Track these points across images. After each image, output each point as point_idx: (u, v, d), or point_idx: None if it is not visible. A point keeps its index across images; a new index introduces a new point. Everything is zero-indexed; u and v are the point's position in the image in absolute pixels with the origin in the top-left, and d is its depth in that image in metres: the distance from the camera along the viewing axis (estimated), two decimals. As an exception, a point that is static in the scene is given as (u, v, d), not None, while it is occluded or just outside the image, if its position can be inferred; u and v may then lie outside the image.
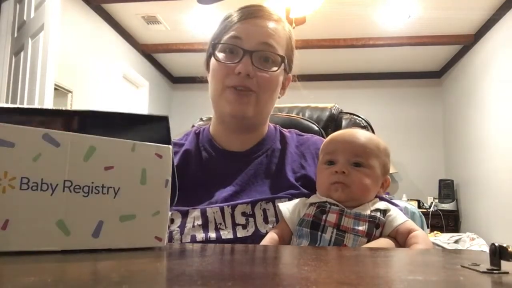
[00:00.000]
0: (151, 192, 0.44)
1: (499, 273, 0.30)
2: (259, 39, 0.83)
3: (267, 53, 0.84)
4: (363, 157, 0.76)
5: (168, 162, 0.45)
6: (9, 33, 2.76)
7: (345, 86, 5.45)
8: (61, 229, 0.38)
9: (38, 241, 0.37)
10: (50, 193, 0.38)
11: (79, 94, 3.50)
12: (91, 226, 0.40)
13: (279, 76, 0.87)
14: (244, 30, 0.84)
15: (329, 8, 3.52)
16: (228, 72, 0.83)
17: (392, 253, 0.50)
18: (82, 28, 3.61)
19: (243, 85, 0.82)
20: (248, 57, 0.82)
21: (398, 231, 0.71)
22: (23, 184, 0.37)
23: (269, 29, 0.85)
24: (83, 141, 0.40)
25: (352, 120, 1.21)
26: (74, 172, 0.39)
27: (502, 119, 3.69)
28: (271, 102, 0.88)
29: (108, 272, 0.31)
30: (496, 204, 3.80)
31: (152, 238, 0.43)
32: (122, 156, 0.42)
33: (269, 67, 0.85)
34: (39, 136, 0.38)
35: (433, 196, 4.86)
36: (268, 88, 0.85)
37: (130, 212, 0.42)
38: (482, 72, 4.12)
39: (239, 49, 0.83)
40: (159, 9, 3.88)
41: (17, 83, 2.51)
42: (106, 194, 0.41)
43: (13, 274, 0.29)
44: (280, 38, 0.87)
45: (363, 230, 0.70)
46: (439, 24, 4.02)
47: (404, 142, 5.20)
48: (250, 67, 0.81)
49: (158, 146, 0.45)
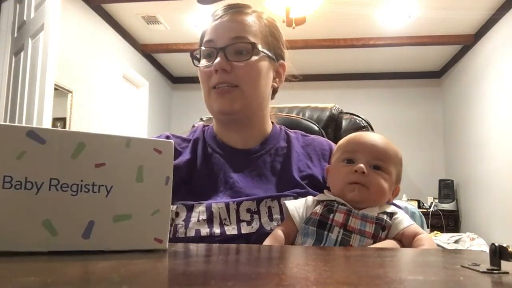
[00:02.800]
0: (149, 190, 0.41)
1: (499, 273, 0.30)
2: (228, 35, 0.85)
3: (238, 45, 0.85)
4: (384, 161, 0.76)
5: (169, 157, 0.42)
6: (9, 33, 2.76)
7: (345, 86, 5.44)
8: (48, 229, 0.37)
9: (24, 242, 0.36)
10: (35, 192, 0.37)
11: (79, 94, 3.50)
12: (80, 227, 0.38)
13: (258, 64, 0.86)
14: (214, 32, 0.87)
15: (329, 8, 3.52)
16: (209, 74, 0.85)
17: (392, 253, 0.50)
18: (82, 28, 3.61)
19: (222, 81, 0.84)
20: (222, 54, 0.83)
21: (404, 234, 0.71)
22: (6, 183, 0.36)
23: (237, 23, 0.87)
24: (71, 137, 0.38)
25: (352, 120, 1.21)
26: (62, 170, 0.37)
27: (502, 119, 3.69)
28: (258, 92, 0.88)
29: (108, 272, 0.31)
30: (496, 204, 3.80)
31: (151, 239, 0.40)
32: (115, 152, 0.40)
33: (244, 58, 0.85)
34: (23, 133, 0.37)
35: (433, 196, 4.85)
36: (249, 78, 0.85)
37: (124, 212, 0.39)
38: (482, 72, 4.12)
39: (213, 50, 0.85)
40: (159, 9, 3.88)
41: (17, 83, 2.50)
42: (97, 192, 0.38)
43: (9, 275, 0.29)
44: (251, 27, 0.87)
45: (370, 231, 0.70)
46: (439, 24, 4.02)
47: (404, 142, 5.19)
48: (224, 62, 0.83)
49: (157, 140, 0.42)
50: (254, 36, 0.87)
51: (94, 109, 3.76)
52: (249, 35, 0.86)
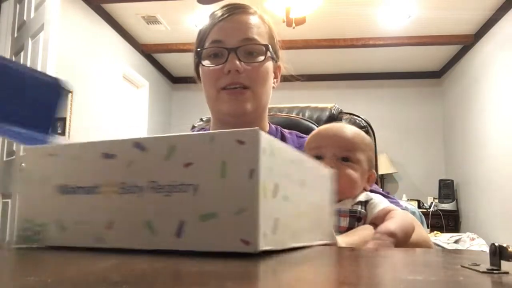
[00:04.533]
0: (232, 186, 0.38)
1: (499, 273, 0.30)
2: (239, 36, 0.85)
3: (250, 47, 0.85)
4: (351, 151, 0.74)
5: (253, 148, 0.37)
6: (9, 33, 2.76)
7: (345, 86, 5.44)
8: (148, 229, 0.40)
9: (131, 240, 0.40)
10: (139, 195, 0.40)
11: (79, 94, 3.50)
12: (174, 226, 0.39)
13: (266, 65, 0.88)
14: (222, 32, 0.86)
15: (329, 8, 3.52)
16: (218, 74, 0.84)
17: (392, 253, 0.50)
18: (82, 28, 3.61)
19: (235, 82, 0.83)
20: (234, 54, 0.83)
21: (377, 216, 0.69)
22: (121, 189, 0.41)
23: (247, 24, 0.87)
24: (164, 141, 0.41)
25: (352, 120, 1.21)
26: (157, 172, 0.40)
27: (502, 119, 3.69)
28: (266, 93, 0.89)
29: (108, 272, 0.31)
30: (496, 204, 3.80)
31: (237, 240, 0.36)
32: (201, 149, 0.39)
33: (256, 59, 0.86)
34: (131, 145, 0.41)
35: (433, 196, 4.85)
36: (260, 79, 0.86)
37: (210, 211, 0.38)
38: (482, 72, 4.13)
39: (223, 50, 0.84)
40: (159, 9, 3.88)
41: (17, 83, 2.50)
42: (186, 192, 0.39)
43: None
44: (259, 29, 0.88)
45: (344, 225, 0.69)
46: (439, 24, 4.02)
47: (404, 142, 5.20)
48: (238, 63, 0.83)
49: (239, 131, 0.39)
50: (262, 37, 0.87)
51: (94, 109, 3.76)
52: (258, 36, 0.86)
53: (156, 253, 0.41)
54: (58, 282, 0.26)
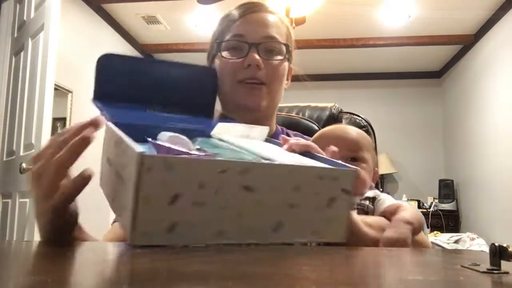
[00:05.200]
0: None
1: (499, 273, 0.30)
2: (261, 34, 0.86)
3: (271, 44, 0.86)
4: (358, 151, 0.76)
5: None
6: (9, 33, 2.76)
7: (345, 86, 5.44)
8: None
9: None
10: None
11: (79, 94, 3.50)
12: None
13: (285, 65, 0.89)
14: (245, 27, 0.87)
15: (329, 8, 3.52)
16: (237, 67, 0.85)
17: (392, 253, 0.50)
18: (82, 28, 3.61)
19: (254, 77, 0.84)
20: (255, 49, 0.84)
21: (386, 211, 0.70)
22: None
23: (269, 22, 0.88)
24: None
25: (352, 120, 1.21)
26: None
27: (502, 119, 3.69)
28: (280, 92, 0.91)
29: (108, 272, 0.31)
30: (496, 204, 3.80)
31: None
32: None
33: (276, 57, 0.87)
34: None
35: (433, 196, 4.85)
36: (278, 77, 0.88)
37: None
38: (482, 72, 4.13)
39: (244, 44, 0.85)
40: (159, 9, 3.88)
41: (17, 83, 2.50)
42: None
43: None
44: (280, 29, 0.90)
45: None
46: (439, 24, 4.02)
47: (404, 142, 5.20)
48: (259, 58, 0.84)
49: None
50: (281, 37, 0.89)
51: (94, 109, 3.76)
52: (278, 35, 0.88)
53: (156, 253, 0.41)
54: (58, 282, 0.26)
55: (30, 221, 2.07)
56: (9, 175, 2.43)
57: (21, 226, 2.22)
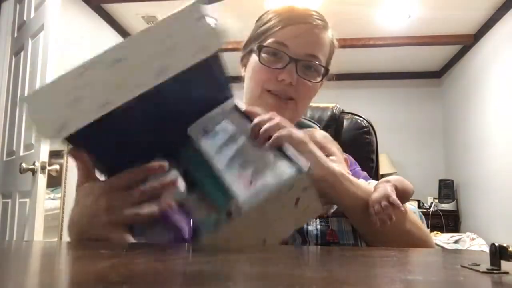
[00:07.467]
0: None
1: (499, 273, 0.30)
2: (305, 50, 0.83)
3: (312, 63, 0.84)
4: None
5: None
6: (9, 33, 2.76)
7: (345, 86, 5.43)
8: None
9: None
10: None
11: (79, 94, 3.49)
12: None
13: (318, 86, 0.88)
14: (290, 37, 0.83)
15: (329, 8, 3.52)
16: (271, 76, 0.82)
17: (392, 253, 0.50)
18: (82, 28, 3.61)
19: (283, 93, 0.83)
20: (293, 65, 0.81)
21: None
22: None
23: (317, 40, 0.85)
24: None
25: (354, 120, 1.21)
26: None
27: (502, 119, 3.69)
28: (306, 108, 0.92)
29: (108, 272, 0.31)
30: (496, 204, 3.80)
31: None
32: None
33: (312, 76, 0.85)
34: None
35: (433, 196, 4.85)
36: (308, 97, 0.87)
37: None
38: (482, 72, 4.12)
39: (285, 55, 0.82)
40: (159, 9, 3.88)
41: (17, 83, 2.50)
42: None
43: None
44: (325, 47, 0.87)
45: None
46: (439, 24, 4.02)
47: (404, 142, 5.19)
48: (295, 75, 0.81)
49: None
50: (325, 57, 0.87)
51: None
52: (322, 55, 0.86)
53: (156, 253, 0.41)
54: (58, 281, 0.26)
55: (30, 221, 2.07)
56: (9, 175, 2.43)
57: (21, 226, 2.22)
